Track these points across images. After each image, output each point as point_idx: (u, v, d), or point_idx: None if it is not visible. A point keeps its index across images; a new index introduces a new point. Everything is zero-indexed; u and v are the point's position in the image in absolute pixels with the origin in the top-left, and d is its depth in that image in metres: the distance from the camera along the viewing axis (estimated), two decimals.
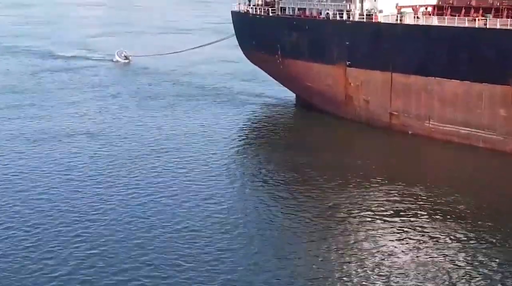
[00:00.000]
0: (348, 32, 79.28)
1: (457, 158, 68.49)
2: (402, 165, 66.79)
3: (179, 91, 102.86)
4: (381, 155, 71.01)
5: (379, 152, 72.06)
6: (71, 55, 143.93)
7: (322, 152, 71.04)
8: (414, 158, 68.66)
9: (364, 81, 78.46)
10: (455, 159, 68.32)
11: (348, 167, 65.98)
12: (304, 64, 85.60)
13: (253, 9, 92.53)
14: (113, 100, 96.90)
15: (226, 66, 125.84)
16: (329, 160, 68.02)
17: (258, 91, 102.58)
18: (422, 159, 68.63)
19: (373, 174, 63.31)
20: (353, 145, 74.96)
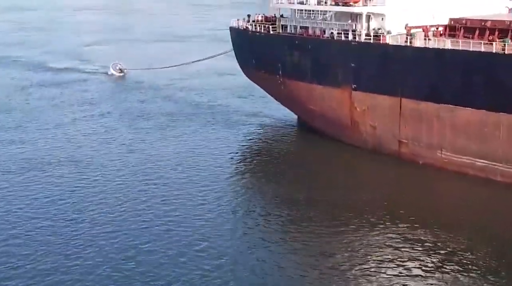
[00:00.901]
0: (354, 53, 74.35)
1: (473, 193, 63.36)
2: (412, 202, 61.67)
3: (173, 110, 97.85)
4: (389, 189, 66.00)
5: (386, 185, 67.01)
6: (64, 66, 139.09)
7: (323, 184, 66.33)
8: (426, 194, 63.49)
9: (370, 106, 73.53)
10: (470, 195, 63.19)
11: (351, 203, 61.11)
12: (306, 85, 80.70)
13: (253, 25, 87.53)
14: (103, 120, 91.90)
15: (223, 80, 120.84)
16: (330, 195, 63.19)
17: (256, 110, 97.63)
18: (434, 195, 63.45)
19: (378, 213, 58.57)
20: (359, 176, 69.90)
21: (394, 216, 57.88)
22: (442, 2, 77.03)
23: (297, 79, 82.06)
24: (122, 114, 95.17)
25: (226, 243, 52.99)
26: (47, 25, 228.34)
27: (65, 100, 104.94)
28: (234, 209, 60.52)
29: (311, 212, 59.34)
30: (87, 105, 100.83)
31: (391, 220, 56.95)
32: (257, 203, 62.54)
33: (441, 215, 58.40)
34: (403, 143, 71.07)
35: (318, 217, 58.07)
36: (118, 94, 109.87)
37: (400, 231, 54.92)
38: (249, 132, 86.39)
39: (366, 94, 73.70)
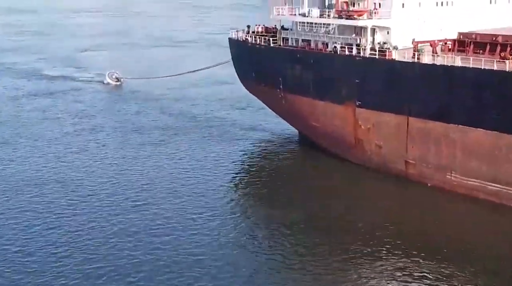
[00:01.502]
0: (358, 68, 71.00)
1: (484, 219, 60.07)
2: (418, 227, 58.45)
3: (168, 123, 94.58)
4: (395, 211, 62.84)
5: (392, 207, 63.86)
6: (58, 74, 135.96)
7: (326, 208, 63.10)
8: (433, 218, 60.21)
9: (376, 123, 70.21)
10: (482, 221, 59.88)
11: (354, 227, 58.27)
12: (308, 101, 77.37)
13: (253, 37, 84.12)
14: (95, 135, 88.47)
15: (220, 90, 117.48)
16: (332, 218, 60.36)
17: (255, 123, 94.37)
18: (443, 219, 60.09)
19: (382, 238, 55.57)
20: (363, 198, 66.48)
21: (398, 242, 54.77)
22: (450, 15, 73.93)
23: (298, 94, 78.74)
24: (116, 128, 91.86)
25: (224, 269, 50.27)
26: (44, 29, 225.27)
27: (57, 112, 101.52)
28: (231, 233, 57.37)
29: (310, 235, 56.44)
30: (80, 118, 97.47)
31: (395, 247, 53.89)
32: (255, 225, 59.52)
33: (450, 242, 55.18)
34: (410, 163, 67.76)
35: (318, 242, 55.14)
36: (113, 106, 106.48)
37: (404, 260, 51.79)
38: (247, 148, 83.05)
39: (371, 111, 70.37)
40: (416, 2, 72.98)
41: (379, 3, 72.96)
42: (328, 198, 65.78)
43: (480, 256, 52.31)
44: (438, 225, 58.80)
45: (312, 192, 67.14)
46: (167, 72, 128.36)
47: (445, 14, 74.08)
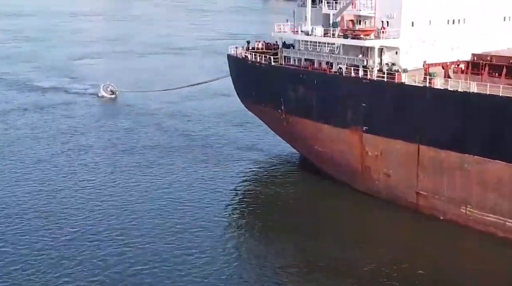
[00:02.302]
0: (365, 92, 66.60)
1: (503, 259, 55.57)
2: (430, 265, 54.08)
3: (162, 142, 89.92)
4: (405, 247, 58.31)
5: (401, 242, 59.36)
6: (51, 85, 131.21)
7: (328, 240, 58.88)
8: (447, 255, 55.80)
9: (384, 151, 65.80)
10: (500, 261, 55.38)
11: (361, 264, 54.06)
12: (312, 124, 72.96)
13: (252, 55, 79.62)
14: (84, 156, 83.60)
15: (217, 104, 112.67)
16: (336, 253, 56.08)
17: (252, 142, 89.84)
18: (457, 258, 55.74)
19: (391, 277, 51.64)
20: (370, 231, 62.13)
21: (409, 283, 50.31)
22: (462, 34, 69.67)
23: (301, 117, 74.37)
24: (106, 148, 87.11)
25: None
26: (39, 35, 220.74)
27: (46, 130, 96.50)
28: (221, 274, 52.75)
29: (312, 274, 52.27)
30: (70, 137, 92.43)
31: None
32: (247, 267, 54.82)
33: (465, 284, 50.71)
34: (421, 195, 63.31)
35: (321, 282, 50.83)
36: (106, 122, 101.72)
37: None
38: (244, 171, 78.33)
39: (379, 138, 65.95)
40: (426, 20, 68.71)
41: (387, 22, 68.68)
42: (331, 231, 61.36)
43: None
44: (452, 264, 54.37)
45: (313, 224, 62.68)
46: (164, 84, 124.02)
47: (457, 33, 69.95)
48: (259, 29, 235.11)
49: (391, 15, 68.06)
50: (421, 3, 67.97)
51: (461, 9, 70.11)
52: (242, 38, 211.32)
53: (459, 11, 70.05)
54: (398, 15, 67.56)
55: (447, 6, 69.43)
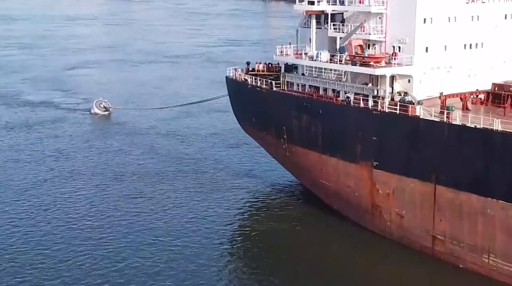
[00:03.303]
0: (376, 124, 61.04)
1: None
2: None
3: (153, 167, 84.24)
4: None
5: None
6: (41, 99, 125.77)
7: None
8: None
9: (397, 189, 60.26)
10: None
11: None
12: (317, 156, 67.46)
13: (253, 78, 74.03)
14: (71, 183, 77.86)
15: (214, 122, 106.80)
16: None
17: (251, 166, 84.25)
18: None
19: None
20: (380, 278, 56.30)
21: None
22: (481, 60, 64.12)
23: (305, 147, 68.83)
24: (96, 173, 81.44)
25: None
26: (33, 41, 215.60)
27: (32, 152, 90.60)
28: None
29: None
30: (56, 161, 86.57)
31: None
32: None
33: None
34: (438, 240, 57.76)
35: None
36: (96, 142, 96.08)
37: None
38: (240, 201, 72.52)
39: (391, 175, 60.36)
40: (441, 45, 63.24)
41: (398, 47, 63.11)
42: (335, 277, 55.67)
43: None
44: None
45: (315, 267, 57.09)
46: (159, 99, 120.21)
47: (475, 59, 64.33)
48: (259, 34, 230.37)
49: (403, 40, 62.60)
50: (435, 27, 62.47)
51: (479, 33, 64.62)
52: (242, 45, 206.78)
53: (477, 34, 64.59)
54: (411, 40, 62.10)
55: (464, 29, 63.95)
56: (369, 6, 63.76)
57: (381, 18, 64.16)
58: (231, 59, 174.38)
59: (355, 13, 66.12)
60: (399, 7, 62.65)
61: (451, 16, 63.42)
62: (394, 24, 63.22)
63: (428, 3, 61.67)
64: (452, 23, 63.61)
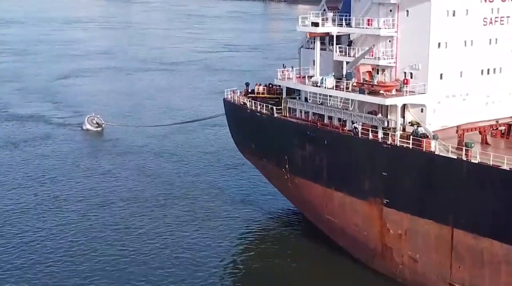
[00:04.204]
0: (386, 158, 55.93)
1: None
2: None
3: (144, 191, 79.07)
4: None
5: None
6: (31, 113, 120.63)
7: None
8: None
9: (410, 230, 55.23)
10: None
11: None
12: (322, 190, 62.37)
13: (252, 103, 68.91)
14: (51, 212, 72.21)
15: (210, 140, 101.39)
16: None
17: (248, 192, 79.12)
18: None
19: None
20: None
21: None
22: (500, 87, 59.22)
23: (309, 179, 63.74)
24: (81, 200, 76.04)
25: None
26: (27, 47, 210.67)
27: (16, 174, 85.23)
28: None
29: None
30: (42, 184, 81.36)
31: None
32: None
33: None
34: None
35: None
36: (86, 162, 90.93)
37: None
38: (235, 234, 67.20)
39: (404, 214, 55.30)
40: (457, 71, 58.27)
41: (410, 73, 58.00)
42: None
43: None
44: None
45: None
46: (153, 113, 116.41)
47: (493, 85, 59.33)
48: (258, 39, 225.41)
49: (416, 66, 57.58)
50: (451, 52, 57.47)
51: (498, 57, 59.64)
52: (240, 50, 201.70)
53: (495, 59, 59.63)
54: (425, 66, 57.12)
55: (481, 53, 58.93)
56: (378, 29, 58.65)
57: (392, 41, 59.15)
58: (229, 66, 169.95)
59: (363, 35, 61.01)
60: (411, 30, 57.64)
61: (467, 40, 58.48)
62: (406, 49, 58.25)
63: (443, 26, 56.69)
64: (469, 47, 58.65)
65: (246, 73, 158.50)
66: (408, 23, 57.90)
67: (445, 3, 56.76)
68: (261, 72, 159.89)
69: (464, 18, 57.88)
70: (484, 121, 58.06)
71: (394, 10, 58.79)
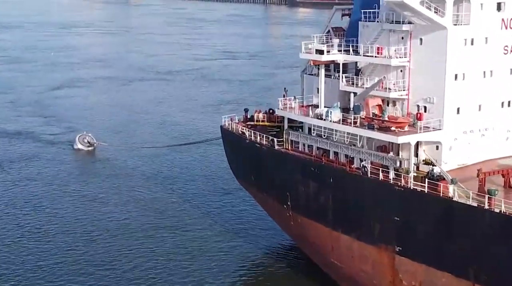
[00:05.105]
0: (399, 202, 50.85)
1: None
2: None
3: (134, 219, 74.19)
4: None
5: None
6: (19, 129, 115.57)
7: None
8: None
9: (425, 283, 50.35)
10: None
11: None
12: (327, 232, 57.37)
13: (252, 133, 63.80)
14: (33, 245, 67.27)
15: (206, 162, 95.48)
16: None
17: (243, 221, 74.16)
18: None
19: None
20: None
21: None
22: None
23: (313, 219, 58.64)
24: (65, 231, 70.91)
25: None
26: (21, 54, 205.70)
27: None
28: None
29: None
30: (26, 212, 76.06)
31: None
32: None
33: None
34: None
35: None
36: (75, 186, 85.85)
37: None
38: (228, 271, 62.20)
39: (418, 264, 50.29)
40: (475, 104, 53.20)
41: (424, 106, 52.91)
42: None
43: None
44: None
45: None
46: (147, 131, 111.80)
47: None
48: (258, 45, 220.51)
49: (431, 99, 52.59)
50: (469, 83, 52.42)
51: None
52: (239, 57, 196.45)
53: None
54: (440, 99, 52.16)
55: (501, 85, 53.77)
56: (389, 59, 53.49)
57: (403, 72, 54.14)
58: (227, 75, 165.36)
59: (372, 64, 55.91)
60: (425, 60, 52.68)
61: (486, 70, 53.49)
62: (419, 80, 53.32)
63: (460, 56, 51.73)
64: (488, 78, 53.63)
65: (244, 84, 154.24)
66: (421, 52, 52.91)
67: (463, 31, 51.78)
68: (259, 82, 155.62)
69: (483, 47, 52.93)
70: (505, 158, 53.20)
71: (406, 37, 53.72)
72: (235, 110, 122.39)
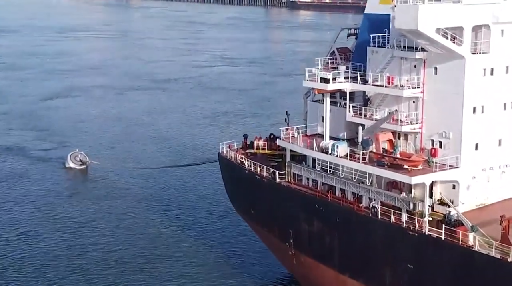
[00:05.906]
0: (412, 248, 46.39)
1: None
2: None
3: (123, 250, 69.26)
4: None
5: None
6: (9, 144, 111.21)
7: None
8: None
9: None
10: None
11: None
12: (334, 275, 53.01)
13: (251, 163, 59.35)
14: (14, 271, 63.36)
15: (201, 184, 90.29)
16: None
17: (240, 250, 69.07)
18: None
19: None
20: None
21: None
22: None
23: (318, 260, 54.19)
24: (50, 263, 65.93)
25: None
26: (16, 60, 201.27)
27: None
28: None
29: None
30: (7, 240, 71.36)
31: None
32: None
33: None
34: None
35: None
36: (63, 210, 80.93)
37: None
38: None
39: None
40: (495, 139, 48.60)
41: (439, 141, 48.42)
42: None
43: None
44: None
45: None
46: (141, 148, 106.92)
47: None
48: (257, 51, 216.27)
49: (447, 134, 48.14)
50: (488, 117, 47.91)
51: None
52: (238, 64, 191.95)
53: None
54: (457, 134, 47.67)
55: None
56: (401, 89, 48.97)
57: (416, 103, 49.65)
58: (225, 84, 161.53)
59: (382, 94, 51.46)
60: (440, 91, 48.27)
61: (507, 102, 48.89)
62: (434, 113, 48.90)
63: (479, 87, 47.11)
64: (509, 110, 49.12)
65: (242, 93, 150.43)
66: (436, 83, 48.48)
67: (482, 60, 47.33)
68: (258, 92, 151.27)
69: (504, 77, 48.50)
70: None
71: (419, 66, 49.28)
72: (234, 123, 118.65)
